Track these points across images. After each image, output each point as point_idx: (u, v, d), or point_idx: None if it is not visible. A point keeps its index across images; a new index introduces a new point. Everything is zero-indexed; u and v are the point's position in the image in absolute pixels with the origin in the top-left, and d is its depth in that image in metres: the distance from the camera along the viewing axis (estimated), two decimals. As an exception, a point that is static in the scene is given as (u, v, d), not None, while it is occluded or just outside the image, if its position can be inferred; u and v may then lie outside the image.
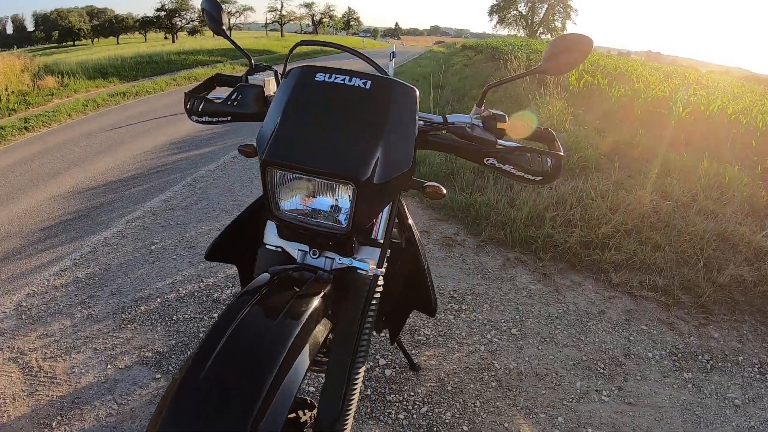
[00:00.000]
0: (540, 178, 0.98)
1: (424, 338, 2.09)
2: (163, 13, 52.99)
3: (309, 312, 0.75)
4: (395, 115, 0.89)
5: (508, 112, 1.06)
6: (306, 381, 1.84)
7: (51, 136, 6.71)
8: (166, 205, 3.57)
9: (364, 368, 0.86)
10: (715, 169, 3.80)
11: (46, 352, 2.02)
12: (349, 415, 0.82)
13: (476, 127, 1.01)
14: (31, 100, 12.80)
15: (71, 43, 61.59)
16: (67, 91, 13.60)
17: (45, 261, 2.81)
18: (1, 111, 11.62)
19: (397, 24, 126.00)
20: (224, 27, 1.20)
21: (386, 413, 1.69)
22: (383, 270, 0.91)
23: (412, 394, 1.77)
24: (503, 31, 49.98)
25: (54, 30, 65.13)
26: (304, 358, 0.71)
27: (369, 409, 1.70)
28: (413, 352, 1.98)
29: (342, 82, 0.89)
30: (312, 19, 61.11)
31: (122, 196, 3.86)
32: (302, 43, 1.16)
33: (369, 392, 1.77)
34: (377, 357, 1.96)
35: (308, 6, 60.76)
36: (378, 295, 0.90)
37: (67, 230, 3.24)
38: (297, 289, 0.81)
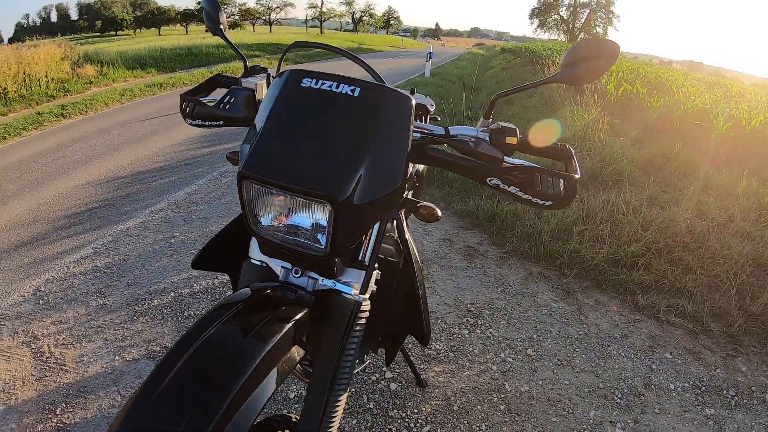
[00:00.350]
0: (550, 202, 0.88)
1: (435, 353, 2.02)
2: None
3: (281, 334, 0.71)
4: (385, 127, 0.81)
5: (540, 118, 0.96)
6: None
7: (86, 123, 6.90)
8: (190, 199, 3.60)
9: (345, 395, 0.80)
10: (754, 188, 3.58)
11: (58, 339, 2.05)
12: None
13: (481, 141, 0.90)
14: (69, 88, 13.24)
15: (114, 33, 63.54)
16: (105, 80, 14.04)
17: (67, 248, 2.87)
18: (41, 97, 12.08)
19: (437, 24, 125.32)
20: (222, 27, 1.15)
21: (387, 429, 1.63)
22: (366, 296, 0.83)
23: (416, 411, 1.70)
24: (543, 36, 49.02)
25: (97, 20, 67.45)
26: (270, 381, 0.67)
27: (369, 424, 1.65)
28: (421, 366, 1.91)
29: (328, 89, 0.82)
30: (352, 16, 61.42)
31: (148, 187, 3.91)
32: (296, 44, 1.07)
33: (371, 406, 1.72)
34: (384, 369, 1.90)
35: (348, 3, 61.07)
36: (363, 321, 0.83)
37: (91, 218, 3.30)
38: (273, 310, 0.76)
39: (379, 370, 1.90)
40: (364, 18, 62.04)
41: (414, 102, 0.85)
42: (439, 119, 2.20)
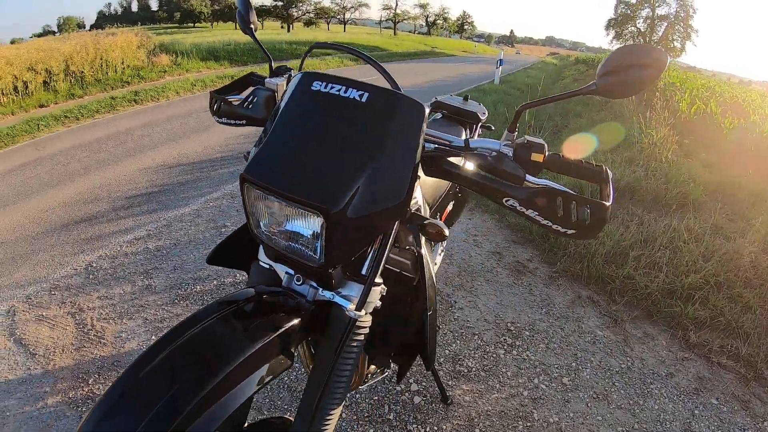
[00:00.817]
0: (573, 231, 0.80)
1: (466, 370, 1.96)
2: (279, 3, 55.60)
3: (268, 340, 0.70)
4: (393, 136, 0.76)
5: (604, 132, 0.86)
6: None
7: (156, 110, 7.30)
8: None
9: (338, 411, 0.78)
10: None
11: (101, 313, 2.17)
12: None
13: (504, 157, 0.83)
14: (144, 75, 14.06)
15: (191, 24, 66.85)
16: (179, 69, 14.79)
17: (122, 228, 3.04)
18: (115, 83, 12.89)
19: (512, 31, 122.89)
20: (252, 26, 1.16)
21: None
22: (363, 313, 0.79)
23: (436, 428, 1.65)
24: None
25: (176, 11, 71.33)
26: (249, 384, 0.67)
27: (372, 427, 1.62)
28: (449, 382, 1.86)
29: (337, 93, 0.78)
30: (426, 20, 61.50)
31: (207, 176, 4.08)
32: (317, 45, 1.07)
33: (391, 417, 1.69)
34: (411, 381, 1.86)
35: (423, 6, 61.22)
36: (361, 337, 0.80)
37: (149, 202, 3.48)
38: (268, 314, 0.76)
39: (405, 381, 1.86)
40: (438, 21, 61.92)
41: (427, 110, 0.80)
42: (493, 128, 2.14)
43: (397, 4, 58.52)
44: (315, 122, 0.78)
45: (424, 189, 1.30)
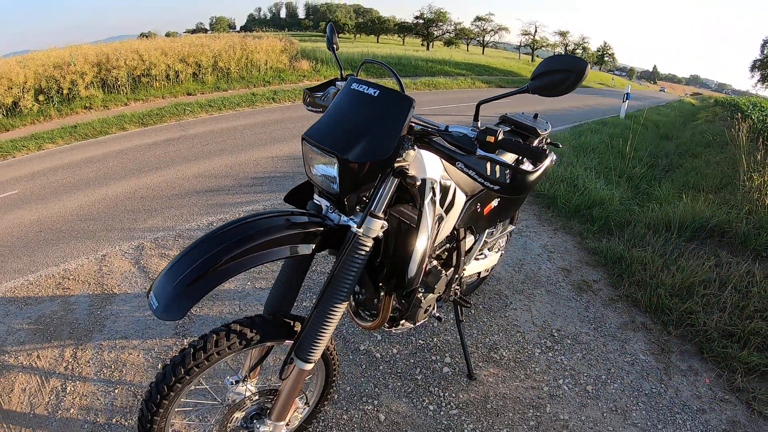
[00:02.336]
0: (497, 187, 1.11)
1: (498, 357, 2.21)
2: (420, 21, 57.07)
3: (296, 233, 1.13)
4: (387, 116, 1.16)
5: (715, 174, 1.09)
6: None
7: (291, 109, 8.28)
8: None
9: (341, 306, 1.22)
10: None
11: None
12: (316, 345, 1.24)
13: (466, 136, 1.16)
14: (285, 77, 15.61)
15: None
16: (317, 75, 16.17)
17: (243, 200, 3.71)
18: (258, 81, 14.48)
19: (654, 67, 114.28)
20: (334, 45, 1.60)
21: (421, 398, 1.93)
22: (362, 231, 1.19)
23: (454, 395, 1.95)
24: (766, 92, 40.81)
25: (321, 21, 76.61)
26: (275, 253, 1.10)
27: (409, 389, 1.97)
28: (479, 364, 2.13)
29: (363, 90, 1.21)
30: (565, 48, 59.59)
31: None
32: (366, 61, 1.53)
33: (419, 377, 2.03)
34: (446, 355, 2.17)
35: (563, 35, 59.40)
36: (361, 253, 1.20)
37: (270, 183, 4.17)
38: (305, 223, 1.18)
39: (441, 355, 2.17)
40: (577, 51, 59.55)
41: (414, 102, 1.17)
42: (560, 146, 2.35)
43: (536, 31, 57.27)
44: (347, 107, 1.22)
45: (460, 180, 1.60)
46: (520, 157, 2.00)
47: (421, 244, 1.35)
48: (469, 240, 1.93)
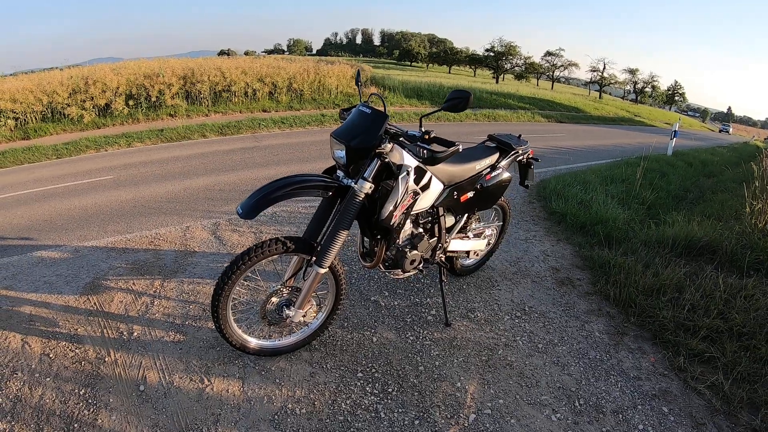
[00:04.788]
0: (420, 159, 2.03)
1: (473, 317, 2.83)
2: (491, 54, 57.64)
3: (320, 183, 1.98)
4: (373, 124, 1.98)
5: (727, 197, 1.69)
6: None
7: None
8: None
9: (342, 234, 1.99)
10: None
11: (272, 235, 3.57)
12: (327, 256, 1.98)
13: (414, 135, 1.98)
14: (354, 101, 16.81)
15: (408, 63, 72.91)
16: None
17: (303, 199, 4.51)
18: (328, 103, 15.80)
19: (729, 109, 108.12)
20: (359, 83, 2.37)
21: (406, 332, 2.60)
22: (356, 187, 1.98)
23: (430, 333, 2.61)
24: None
25: (396, 49, 79.00)
26: (301, 192, 1.93)
27: (400, 326, 2.64)
28: (457, 319, 2.76)
29: (363, 110, 2.02)
30: (634, 86, 58.22)
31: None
32: (372, 94, 2.31)
33: (408, 320, 2.70)
34: (432, 310, 2.83)
35: (632, 72, 58.12)
36: (354, 201, 1.97)
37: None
38: (327, 181, 1.99)
39: (427, 306, 2.81)
40: (646, 89, 57.95)
41: (388, 117, 1.96)
42: (539, 160, 2.99)
43: (604, 68, 56.38)
44: (353, 118, 2.07)
45: (438, 172, 2.30)
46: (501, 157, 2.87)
47: (390, 202, 2.07)
48: (450, 219, 2.62)
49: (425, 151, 2.02)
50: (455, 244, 2.77)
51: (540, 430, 2.05)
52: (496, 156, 2.76)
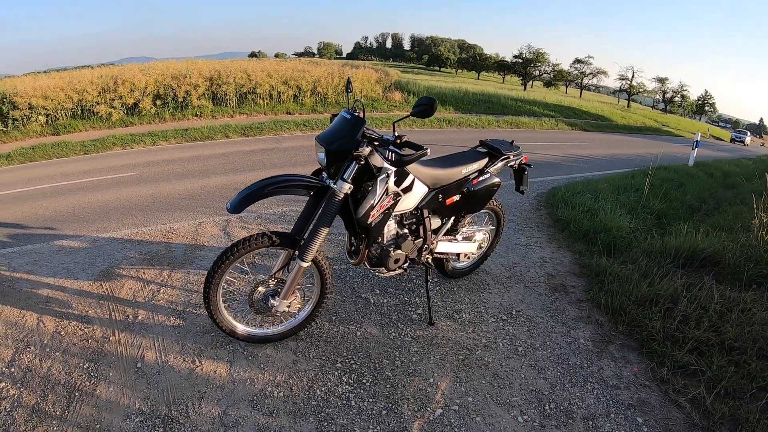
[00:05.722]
0: (390, 161, 2.18)
1: (458, 317, 2.91)
2: (519, 61, 57.11)
3: (306, 183, 2.13)
4: (351, 128, 2.13)
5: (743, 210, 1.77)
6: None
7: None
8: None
9: (323, 230, 2.14)
10: None
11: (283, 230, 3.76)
12: (309, 251, 2.11)
13: (388, 140, 2.12)
14: (377, 106, 17.01)
15: (437, 68, 72.71)
16: (407, 106, 17.55)
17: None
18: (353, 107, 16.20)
19: (761, 120, 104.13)
20: (350, 92, 2.47)
21: (389, 329, 2.72)
22: (336, 187, 2.13)
23: (412, 331, 2.71)
24: None
25: (425, 54, 79.04)
26: (290, 190, 2.09)
27: (385, 322, 2.77)
28: (441, 319, 2.85)
29: (344, 115, 2.17)
30: (663, 95, 56.83)
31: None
32: (356, 100, 2.38)
33: (394, 317, 2.82)
34: (419, 309, 2.94)
35: (661, 81, 56.74)
36: (335, 201, 2.10)
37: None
38: (312, 182, 2.14)
39: (413, 305, 2.92)
40: (675, 99, 56.46)
41: (365, 123, 2.11)
42: (531, 166, 3.07)
43: (633, 76, 55.17)
44: (336, 123, 2.24)
45: (422, 175, 2.44)
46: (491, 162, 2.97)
47: (368, 201, 2.21)
48: (436, 221, 2.73)
49: (393, 155, 2.16)
50: (443, 246, 2.87)
51: (504, 429, 2.12)
52: (484, 161, 2.85)
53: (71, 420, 2.01)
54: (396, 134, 2.16)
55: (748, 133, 38.96)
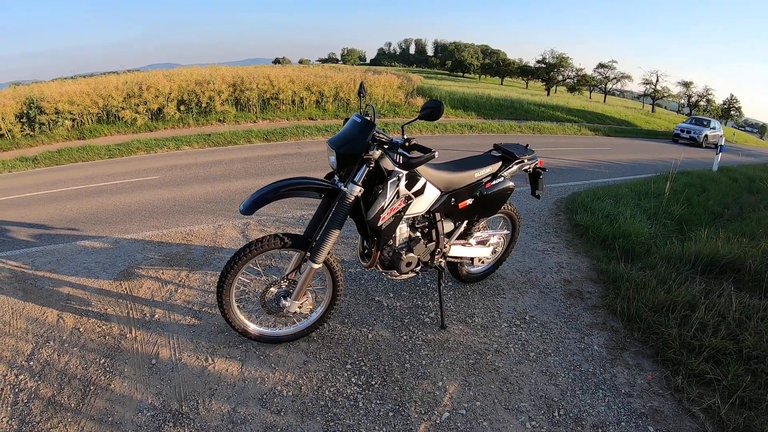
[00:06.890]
0: (398, 164, 2.17)
1: (471, 322, 2.90)
2: (542, 66, 56.52)
3: (317, 185, 2.15)
4: (362, 132, 2.15)
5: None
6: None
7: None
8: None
9: (334, 233, 2.15)
10: None
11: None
12: (320, 253, 2.13)
13: (397, 143, 2.15)
14: (400, 112, 17.02)
15: (461, 74, 72.41)
16: (430, 113, 17.64)
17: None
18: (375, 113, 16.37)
19: None
20: (362, 94, 2.48)
21: (401, 332, 2.73)
22: (346, 190, 2.14)
23: (424, 334, 2.72)
24: None
25: (448, 59, 78.85)
26: (307, 193, 2.12)
27: (397, 326, 2.78)
28: (454, 323, 2.85)
29: (355, 119, 2.17)
30: (688, 99, 55.55)
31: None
32: (368, 105, 2.35)
33: (406, 321, 2.83)
34: (431, 313, 2.94)
35: (686, 85, 55.46)
36: (345, 204, 2.12)
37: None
38: (324, 184, 2.16)
39: (427, 309, 2.92)
40: (701, 103, 55.10)
41: (375, 126, 2.12)
42: (546, 170, 3.04)
43: (657, 80, 54.01)
44: (347, 127, 2.24)
45: (434, 178, 2.44)
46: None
47: (378, 204, 2.22)
48: (449, 225, 2.73)
49: (401, 157, 2.19)
50: (456, 250, 2.87)
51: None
52: (498, 165, 2.84)
53: (85, 412, 2.08)
54: (405, 137, 2.19)
55: (717, 125, 21.97)
